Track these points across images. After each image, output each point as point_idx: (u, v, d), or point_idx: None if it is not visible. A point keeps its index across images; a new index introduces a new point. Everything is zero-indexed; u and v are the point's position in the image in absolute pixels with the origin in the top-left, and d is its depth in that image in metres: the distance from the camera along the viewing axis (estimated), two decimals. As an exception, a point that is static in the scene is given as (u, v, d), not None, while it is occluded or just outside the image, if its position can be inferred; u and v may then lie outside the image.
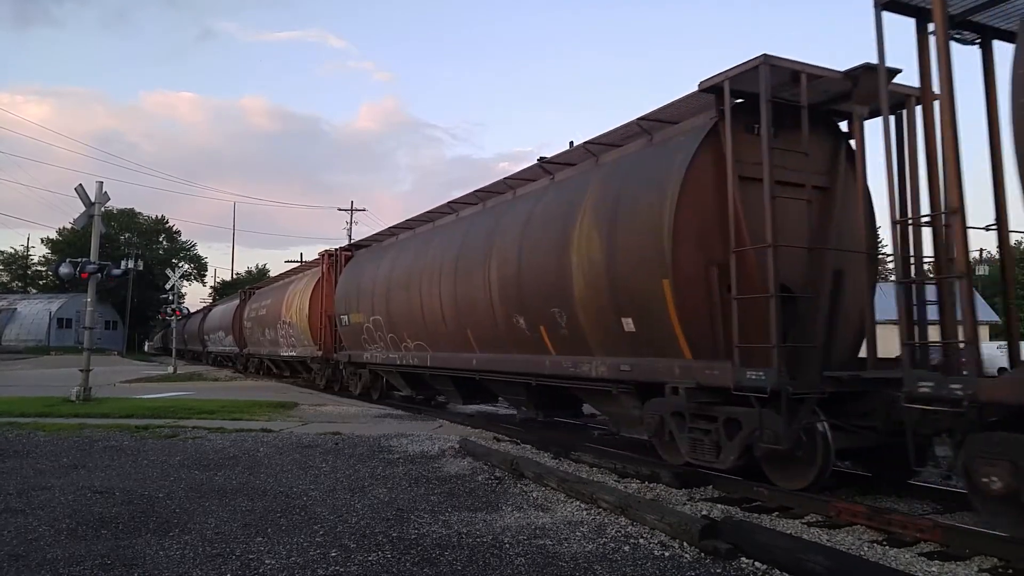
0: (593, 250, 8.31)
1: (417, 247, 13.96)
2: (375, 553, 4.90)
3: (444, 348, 12.51)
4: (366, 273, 16.28)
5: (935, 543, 5.27)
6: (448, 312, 11.94)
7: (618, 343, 8.19)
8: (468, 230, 11.93)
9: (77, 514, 5.91)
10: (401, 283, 13.89)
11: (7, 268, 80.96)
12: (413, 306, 13.20)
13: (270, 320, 25.49)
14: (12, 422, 11.61)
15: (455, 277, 11.61)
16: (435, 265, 12.47)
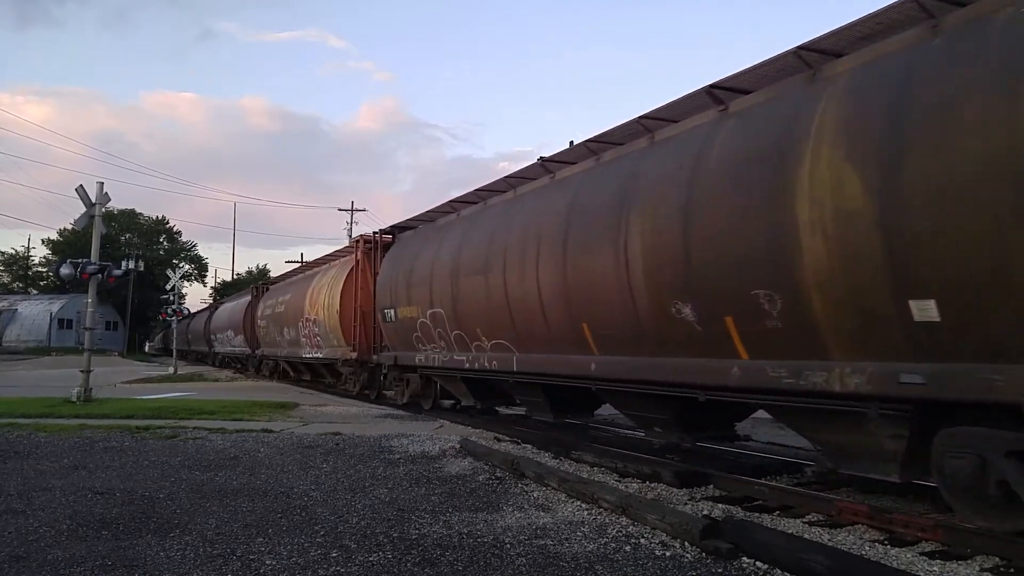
0: (847, 197, 5.37)
1: (494, 222, 11.02)
2: (376, 554, 4.90)
3: (538, 349, 9.72)
4: (420, 258, 13.31)
5: (937, 543, 5.26)
6: (551, 302, 9.06)
7: (893, 339, 5.29)
8: (578, 193, 8.92)
9: (78, 515, 5.91)
10: (474, 267, 10.99)
11: (8, 269, 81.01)
12: (493, 296, 10.36)
13: (290, 318, 22.77)
14: (13, 423, 11.60)
15: (563, 255, 8.71)
16: (527, 243, 9.58)
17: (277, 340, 25.05)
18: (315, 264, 23.99)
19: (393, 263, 14.82)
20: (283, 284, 26.82)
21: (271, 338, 25.97)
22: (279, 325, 24.30)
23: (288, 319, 23.03)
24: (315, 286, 20.71)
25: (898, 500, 6.54)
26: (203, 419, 12.41)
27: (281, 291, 25.63)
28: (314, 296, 20.44)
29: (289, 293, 23.81)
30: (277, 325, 24.58)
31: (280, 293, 25.51)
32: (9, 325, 63.69)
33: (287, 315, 23.17)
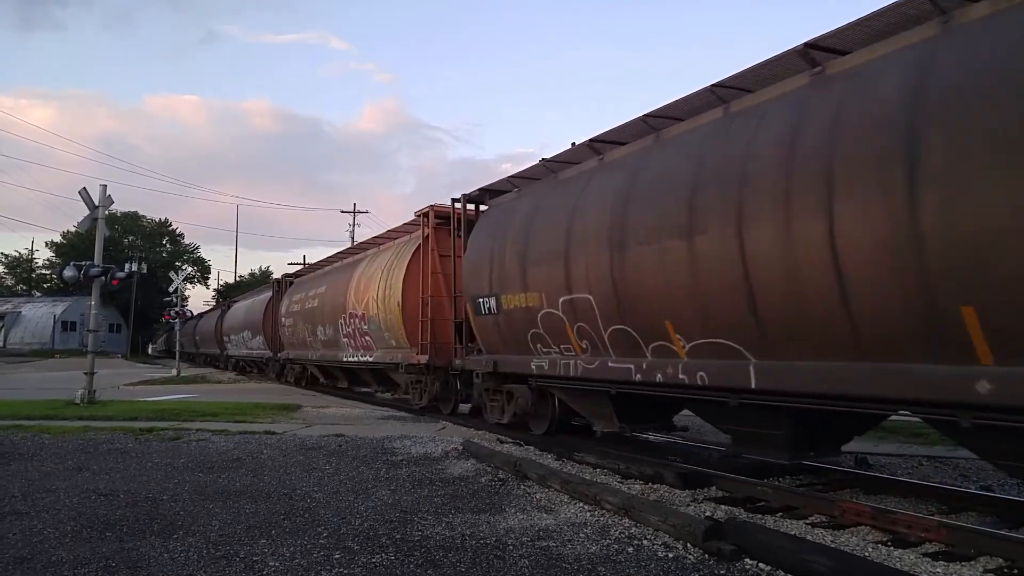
0: None
1: (699, 148, 7.07)
2: (379, 555, 4.91)
3: (813, 352, 5.85)
4: (541, 223, 9.51)
5: (940, 543, 5.26)
6: (870, 273, 5.24)
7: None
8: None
9: (82, 516, 5.92)
10: (661, 227, 7.14)
11: (11, 271, 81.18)
12: (708, 269, 6.56)
13: (326, 314, 18.83)
14: (17, 425, 11.64)
15: (908, 187, 4.89)
16: (803, 174, 5.71)
17: (307, 341, 21.17)
18: (357, 249, 20.14)
19: (491, 235, 10.93)
20: (314, 276, 22.64)
21: (299, 338, 22.08)
22: (310, 323, 20.49)
23: (323, 316, 19.18)
24: (361, 275, 16.85)
25: (901, 501, 6.53)
26: (206, 421, 12.43)
27: (312, 283, 21.58)
28: (361, 287, 16.55)
29: (324, 285, 19.83)
30: (308, 323, 20.78)
31: (311, 286, 21.43)
32: (13, 327, 63.80)
33: (321, 311, 19.34)
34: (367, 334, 16.23)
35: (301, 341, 21.95)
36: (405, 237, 16.13)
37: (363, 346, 16.67)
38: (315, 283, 21.16)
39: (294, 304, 22.51)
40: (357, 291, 16.73)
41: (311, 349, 21.09)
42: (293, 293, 23.44)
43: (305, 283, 22.88)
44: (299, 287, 23.32)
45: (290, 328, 22.85)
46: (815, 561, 4.47)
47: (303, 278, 24.16)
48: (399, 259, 14.93)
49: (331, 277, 19.82)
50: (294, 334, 22.55)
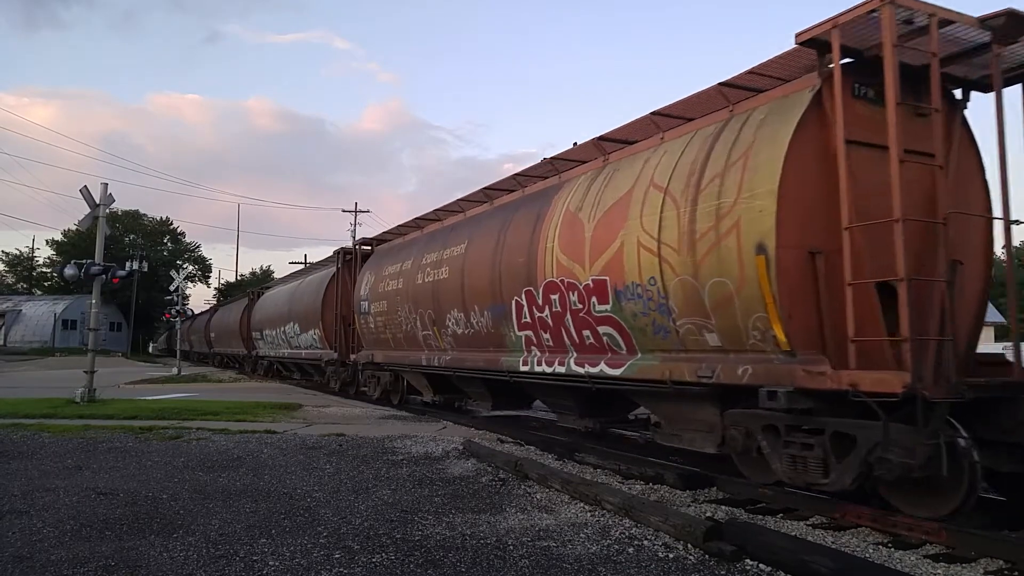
0: None
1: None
2: (379, 555, 4.90)
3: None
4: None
5: (941, 545, 5.25)
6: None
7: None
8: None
9: (81, 515, 5.92)
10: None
11: (12, 269, 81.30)
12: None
13: (475, 292, 11.20)
14: (17, 423, 11.64)
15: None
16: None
17: (418, 336, 13.51)
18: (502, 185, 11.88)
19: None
20: (424, 235, 14.37)
21: (397, 332, 14.41)
22: (429, 307, 12.72)
23: (471, 293, 11.31)
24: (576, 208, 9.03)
25: (902, 502, 6.52)
26: (206, 420, 12.42)
27: (424, 245, 13.71)
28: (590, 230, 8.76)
29: (462, 242, 11.94)
30: (422, 308, 13.07)
31: (423, 248, 13.65)
32: (13, 326, 63.84)
33: (463, 286, 11.54)
34: (614, 325, 8.16)
35: (406, 336, 14.11)
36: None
37: (593, 347, 8.65)
38: (431, 244, 13.30)
39: (387, 281, 14.86)
40: (571, 242, 8.80)
41: (428, 349, 13.34)
42: (382, 265, 15.66)
43: (408, 248, 14.74)
44: (391, 255, 15.58)
45: (379, 317, 15.32)
46: (816, 562, 4.46)
47: (395, 243, 16.19)
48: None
49: (477, 228, 11.76)
50: (387, 325, 14.97)
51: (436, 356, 13.01)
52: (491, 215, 11.65)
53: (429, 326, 12.95)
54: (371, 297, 15.73)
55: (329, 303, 19.64)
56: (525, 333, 9.96)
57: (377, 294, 15.38)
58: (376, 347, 16.10)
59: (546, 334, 9.47)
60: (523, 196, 10.98)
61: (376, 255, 16.88)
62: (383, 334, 15.34)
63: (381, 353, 15.81)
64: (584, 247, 8.44)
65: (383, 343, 15.51)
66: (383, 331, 15.29)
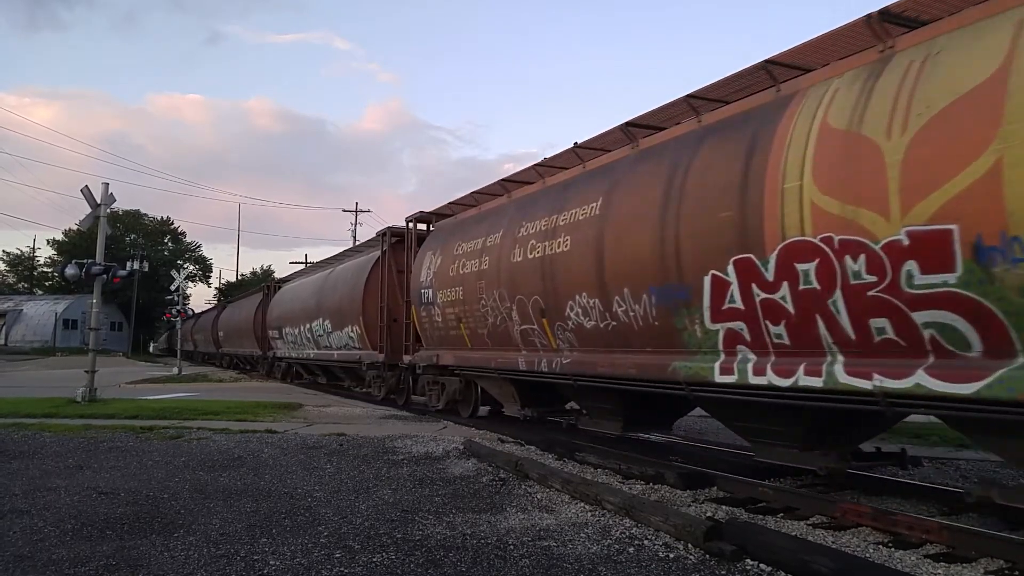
0: None
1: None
2: (380, 554, 4.90)
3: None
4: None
5: (941, 545, 5.24)
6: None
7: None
8: None
9: (82, 515, 5.92)
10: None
11: (13, 269, 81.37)
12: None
13: (627, 265, 7.81)
14: (18, 423, 11.66)
15: None
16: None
17: (516, 333, 10.27)
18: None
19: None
20: (523, 198, 10.91)
21: (484, 327, 11.09)
22: (536, 295, 9.56)
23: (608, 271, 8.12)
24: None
25: (902, 502, 6.53)
26: (207, 420, 12.44)
27: (521, 213, 10.44)
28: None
29: (592, 199, 8.67)
30: (521, 296, 9.89)
31: (515, 217, 10.51)
32: (14, 325, 63.90)
33: (584, 263, 8.56)
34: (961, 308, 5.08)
35: (492, 332, 10.88)
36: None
37: (893, 347, 5.67)
38: (532, 209, 10.06)
39: (461, 262, 11.68)
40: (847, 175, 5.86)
41: (528, 349, 10.12)
42: (450, 243, 12.40)
43: (489, 218, 11.53)
44: (463, 230, 12.23)
45: (450, 308, 12.02)
46: (816, 562, 4.46)
47: (465, 216, 12.78)
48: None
49: (620, 177, 8.40)
50: (462, 319, 11.71)
51: (544, 358, 9.68)
52: (643, 158, 8.16)
53: (534, 318, 9.70)
54: (437, 284, 12.44)
55: (371, 295, 16.11)
56: (726, 326, 6.64)
57: (446, 279, 12.10)
58: (443, 346, 12.73)
59: (777, 326, 6.22)
60: (704, 126, 7.43)
61: (439, 232, 13.62)
62: (454, 330, 12.07)
63: (450, 354, 12.51)
64: (884, 180, 5.27)
65: (454, 341, 12.26)
66: (455, 326, 12.02)
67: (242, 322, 31.32)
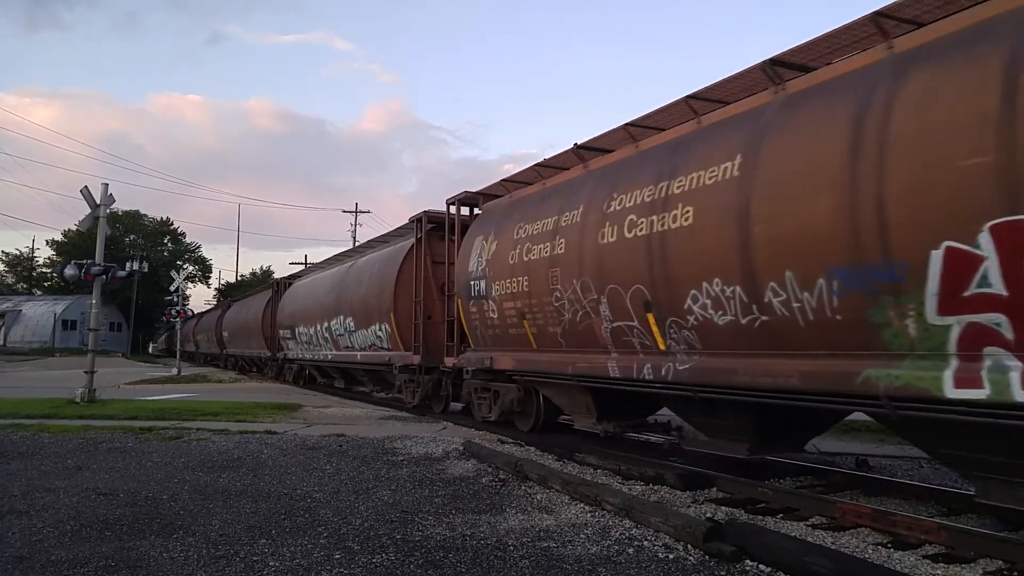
0: None
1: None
2: (379, 555, 4.90)
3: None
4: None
5: (940, 545, 5.25)
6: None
7: None
8: None
9: (81, 516, 5.92)
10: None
11: (12, 270, 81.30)
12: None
13: (793, 239, 5.96)
14: (17, 423, 11.64)
15: None
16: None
17: (605, 332, 8.40)
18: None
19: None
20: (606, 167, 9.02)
21: (558, 324, 9.29)
22: (637, 283, 7.71)
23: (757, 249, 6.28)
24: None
25: (901, 503, 6.53)
26: (207, 420, 12.43)
27: (606, 184, 8.63)
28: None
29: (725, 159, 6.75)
30: (616, 285, 8.06)
31: (595, 190, 8.80)
32: (13, 326, 63.86)
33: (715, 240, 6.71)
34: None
35: (568, 330, 9.11)
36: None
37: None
38: (623, 178, 8.34)
39: (524, 246, 9.93)
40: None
41: (622, 351, 8.31)
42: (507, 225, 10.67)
43: (559, 194, 9.71)
44: (522, 210, 10.50)
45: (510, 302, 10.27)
46: (815, 562, 4.46)
47: (523, 194, 11.02)
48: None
49: (771, 124, 6.53)
50: (526, 314, 9.92)
51: (647, 363, 7.78)
52: (801, 100, 6.35)
53: (633, 313, 7.82)
54: (492, 273, 10.71)
55: (404, 289, 14.36)
56: (968, 320, 4.87)
57: (504, 268, 10.37)
58: (499, 347, 10.97)
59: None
60: (901, 52, 5.60)
61: (490, 214, 11.75)
62: (515, 328, 10.26)
63: (508, 356, 10.69)
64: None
65: (513, 341, 10.47)
66: (515, 323, 10.19)
67: (249, 321, 29.57)
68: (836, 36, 6.34)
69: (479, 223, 12.03)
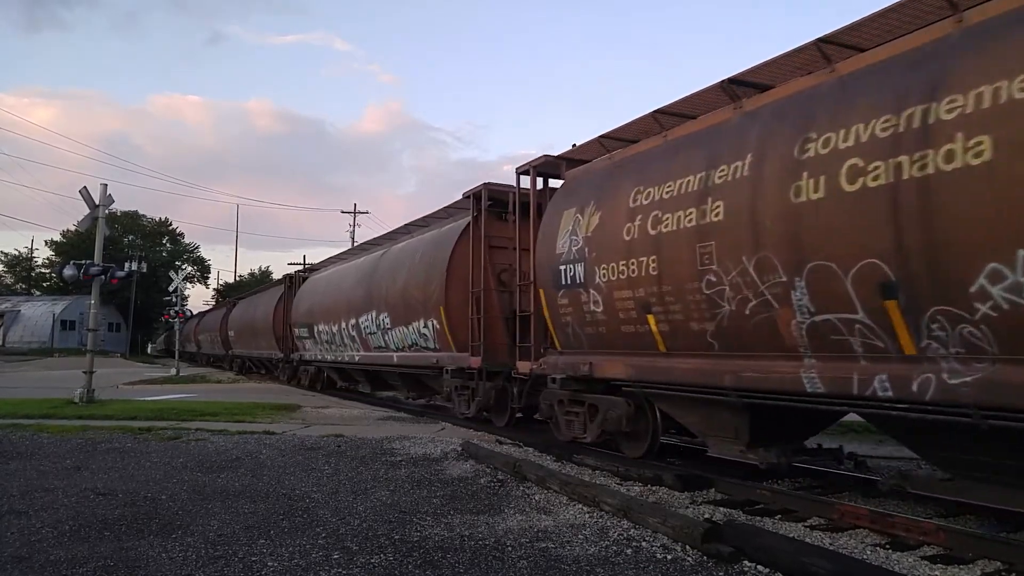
0: None
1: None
2: (378, 556, 4.91)
3: None
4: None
5: (938, 546, 5.26)
6: None
7: None
8: None
9: (80, 516, 5.91)
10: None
11: (11, 270, 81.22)
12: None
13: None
14: (16, 423, 11.63)
15: None
16: None
17: (760, 322, 6.44)
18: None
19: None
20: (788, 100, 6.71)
21: (711, 316, 6.94)
22: (801, 260, 5.95)
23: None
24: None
25: (900, 504, 6.54)
26: (205, 421, 12.42)
27: (780, 128, 6.43)
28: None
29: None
30: (818, 262, 5.81)
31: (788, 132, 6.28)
32: (12, 326, 63.81)
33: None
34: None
35: (727, 326, 6.84)
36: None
37: None
38: (808, 113, 6.23)
39: (646, 215, 7.72)
40: None
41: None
42: (612, 191, 8.52)
43: (694, 147, 7.54)
44: (634, 169, 8.35)
45: (627, 292, 7.99)
46: (814, 563, 4.47)
47: (635, 152, 8.69)
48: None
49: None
50: (650, 305, 7.67)
51: (882, 373, 5.50)
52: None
53: (857, 301, 5.59)
54: (595, 255, 8.41)
55: (458, 278, 12.09)
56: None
57: (615, 247, 8.09)
58: (602, 349, 8.64)
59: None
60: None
61: (581, 182, 9.43)
62: (632, 324, 7.95)
63: (619, 362, 8.34)
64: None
65: (628, 342, 8.11)
66: (634, 318, 7.90)
67: (258, 320, 27.38)
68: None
69: (566, 194, 9.65)
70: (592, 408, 9.00)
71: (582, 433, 9.23)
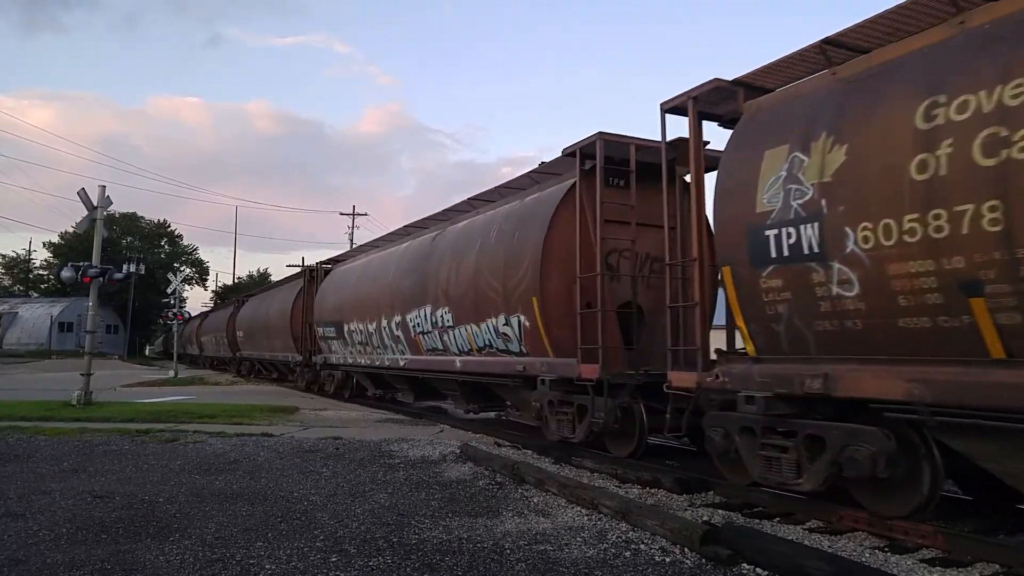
0: None
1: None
2: (376, 558, 4.90)
3: None
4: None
5: (937, 549, 5.25)
6: None
7: None
8: None
9: (77, 519, 5.90)
10: None
11: (9, 272, 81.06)
12: None
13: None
14: (13, 426, 11.61)
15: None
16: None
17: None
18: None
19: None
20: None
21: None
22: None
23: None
24: None
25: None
26: (203, 423, 12.41)
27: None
28: None
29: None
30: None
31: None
32: (10, 328, 63.71)
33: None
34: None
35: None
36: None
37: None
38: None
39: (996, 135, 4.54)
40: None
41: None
42: (891, 100, 5.36)
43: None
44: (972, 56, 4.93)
45: (912, 262, 5.00)
46: (812, 566, 4.46)
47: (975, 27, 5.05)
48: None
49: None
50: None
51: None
52: None
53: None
54: (842, 209, 5.51)
55: (557, 259, 9.33)
56: None
57: (887, 194, 5.18)
58: (855, 354, 5.63)
59: None
60: None
61: (779, 109, 6.53)
62: (919, 316, 5.09)
63: (893, 373, 5.31)
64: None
65: (908, 343, 5.24)
66: (933, 306, 4.98)
67: (273, 318, 24.25)
68: None
69: (762, 128, 6.58)
70: (812, 441, 5.89)
71: (796, 477, 6.00)
